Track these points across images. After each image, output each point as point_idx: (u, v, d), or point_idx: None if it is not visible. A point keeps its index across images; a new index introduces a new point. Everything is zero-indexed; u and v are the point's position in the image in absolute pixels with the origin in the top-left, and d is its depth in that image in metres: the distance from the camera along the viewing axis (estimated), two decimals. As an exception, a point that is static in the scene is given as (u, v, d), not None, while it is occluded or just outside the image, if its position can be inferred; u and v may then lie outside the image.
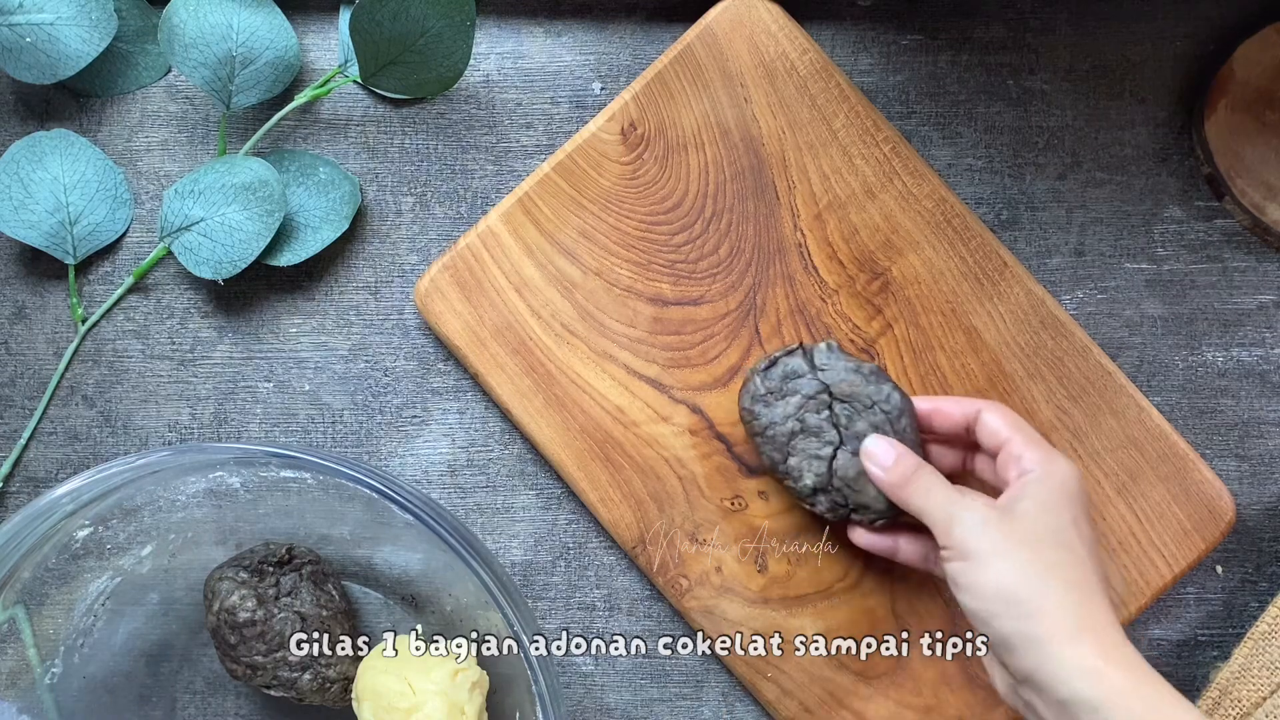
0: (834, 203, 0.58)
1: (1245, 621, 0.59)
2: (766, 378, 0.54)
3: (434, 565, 0.59)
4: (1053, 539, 0.47)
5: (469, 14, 0.56)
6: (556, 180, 0.58)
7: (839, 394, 0.53)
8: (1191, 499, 0.58)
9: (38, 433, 0.60)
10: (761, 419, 0.54)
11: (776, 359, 0.55)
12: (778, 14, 0.58)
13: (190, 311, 0.61)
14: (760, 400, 0.54)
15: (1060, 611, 0.45)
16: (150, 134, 0.61)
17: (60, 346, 0.61)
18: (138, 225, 0.61)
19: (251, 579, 0.56)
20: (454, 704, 0.54)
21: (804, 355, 0.54)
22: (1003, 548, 0.47)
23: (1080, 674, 0.44)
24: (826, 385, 0.53)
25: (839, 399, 0.53)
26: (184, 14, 0.57)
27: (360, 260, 0.61)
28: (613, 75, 0.61)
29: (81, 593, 0.57)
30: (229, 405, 0.60)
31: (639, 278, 0.58)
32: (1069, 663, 0.44)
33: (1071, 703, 0.44)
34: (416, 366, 0.60)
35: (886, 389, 0.53)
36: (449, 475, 0.60)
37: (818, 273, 0.58)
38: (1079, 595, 0.46)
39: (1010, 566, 0.46)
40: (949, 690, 0.57)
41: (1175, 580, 0.58)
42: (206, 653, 0.61)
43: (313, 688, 0.56)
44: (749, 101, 0.58)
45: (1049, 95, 0.60)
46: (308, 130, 0.61)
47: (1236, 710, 0.57)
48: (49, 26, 0.57)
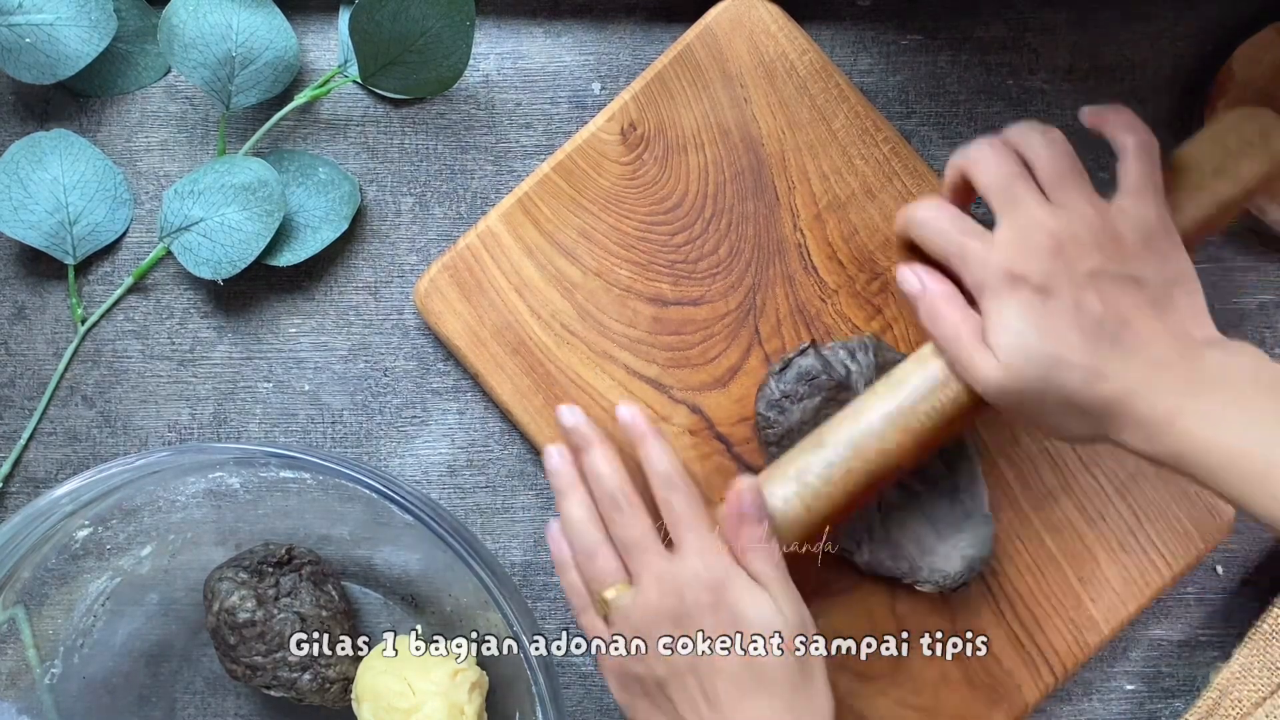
0: (834, 203, 0.58)
1: (1245, 621, 0.59)
2: (781, 380, 0.54)
3: (434, 565, 0.59)
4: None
5: (469, 14, 0.56)
6: (556, 180, 0.58)
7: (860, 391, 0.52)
8: (1191, 499, 0.58)
9: (37, 433, 0.60)
10: (778, 426, 0.54)
11: (790, 360, 0.54)
12: (777, 14, 0.58)
13: (190, 311, 0.60)
14: (775, 406, 0.54)
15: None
16: (150, 134, 0.61)
17: (60, 346, 0.60)
18: (137, 225, 0.61)
19: (251, 579, 0.56)
20: (454, 704, 0.54)
21: (816, 353, 0.54)
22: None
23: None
24: (848, 382, 0.53)
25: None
26: (184, 14, 0.57)
27: (360, 260, 0.61)
28: (612, 75, 0.61)
29: (81, 593, 0.57)
30: (229, 405, 0.60)
31: (639, 278, 0.58)
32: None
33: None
34: (416, 366, 0.60)
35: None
36: (449, 475, 0.60)
37: (817, 273, 0.58)
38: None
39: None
40: (949, 690, 0.57)
41: (1175, 580, 0.58)
42: (206, 653, 0.61)
43: (313, 688, 0.56)
44: (749, 102, 0.58)
45: (1049, 95, 0.60)
46: (307, 130, 0.61)
47: (1236, 710, 0.57)
48: (49, 26, 0.57)
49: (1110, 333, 0.46)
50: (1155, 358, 0.46)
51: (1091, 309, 0.46)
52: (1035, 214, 0.48)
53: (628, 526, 0.48)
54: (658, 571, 0.47)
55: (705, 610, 0.46)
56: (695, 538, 0.48)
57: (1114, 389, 0.46)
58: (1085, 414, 0.47)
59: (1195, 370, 0.46)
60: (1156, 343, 0.46)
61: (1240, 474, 0.44)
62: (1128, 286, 0.47)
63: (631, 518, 0.48)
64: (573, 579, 0.51)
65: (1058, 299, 0.47)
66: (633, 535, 0.48)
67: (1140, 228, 0.48)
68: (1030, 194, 0.49)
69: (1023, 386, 0.47)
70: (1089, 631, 0.57)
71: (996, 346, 0.47)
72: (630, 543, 0.48)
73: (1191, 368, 0.46)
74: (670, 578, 0.47)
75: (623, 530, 0.49)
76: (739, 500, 0.48)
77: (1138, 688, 0.60)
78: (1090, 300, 0.47)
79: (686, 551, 0.47)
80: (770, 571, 0.47)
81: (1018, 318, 0.47)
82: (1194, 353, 0.47)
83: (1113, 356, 0.46)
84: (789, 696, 0.45)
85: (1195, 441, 0.45)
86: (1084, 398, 0.46)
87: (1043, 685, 0.57)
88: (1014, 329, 0.47)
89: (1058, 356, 0.46)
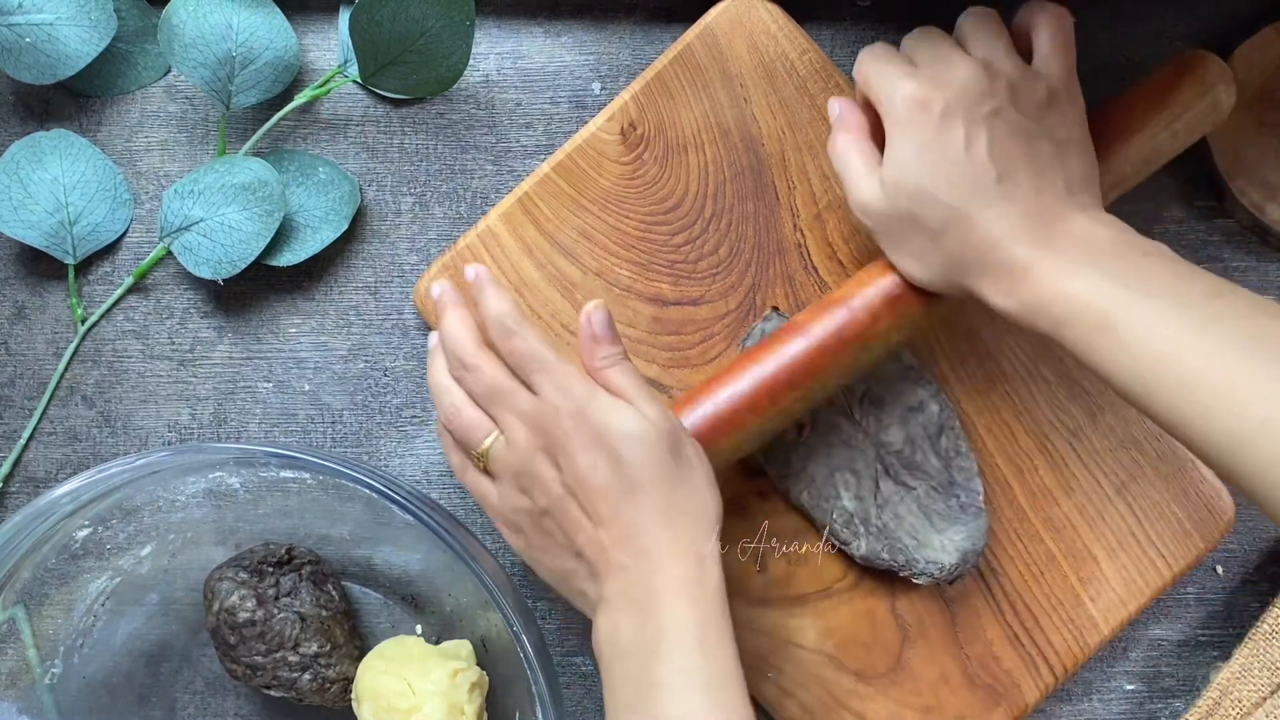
0: (834, 203, 0.58)
1: (1245, 621, 0.59)
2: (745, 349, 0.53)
3: (434, 565, 0.59)
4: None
5: (469, 14, 0.56)
6: (556, 180, 0.58)
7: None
8: (1191, 499, 0.58)
9: (37, 433, 0.60)
10: None
11: (754, 328, 0.53)
12: (777, 14, 0.58)
13: (190, 311, 0.61)
14: None
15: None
16: (150, 134, 0.61)
17: (60, 346, 0.61)
18: (138, 225, 0.61)
19: (251, 579, 0.56)
20: (454, 704, 0.54)
21: (780, 317, 0.53)
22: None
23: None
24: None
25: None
26: (184, 14, 0.57)
27: (360, 260, 0.61)
28: (612, 75, 0.61)
29: (81, 593, 0.57)
30: (229, 405, 0.60)
31: (639, 278, 0.58)
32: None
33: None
34: (416, 366, 0.60)
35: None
36: (449, 475, 0.60)
37: (817, 273, 0.58)
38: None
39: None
40: (949, 690, 0.57)
41: (1175, 580, 0.58)
42: (206, 653, 0.61)
43: (312, 688, 0.56)
44: (749, 101, 0.58)
45: (1049, 95, 0.60)
46: (307, 130, 0.61)
47: (1236, 710, 0.57)
48: (49, 26, 0.57)
49: (990, 179, 0.47)
50: (1025, 213, 0.47)
51: (979, 149, 0.47)
52: (951, 55, 0.49)
53: (479, 379, 0.48)
54: (520, 412, 0.47)
55: (571, 435, 0.46)
56: (547, 374, 0.47)
57: (977, 237, 0.47)
58: (945, 257, 0.48)
59: (1060, 228, 0.47)
60: (1031, 199, 0.47)
61: (1085, 326, 0.45)
62: (1021, 137, 0.48)
63: (479, 370, 0.48)
64: (448, 443, 0.51)
65: (951, 132, 0.47)
66: (486, 385, 0.48)
67: (1049, 85, 0.49)
68: (949, 43, 0.50)
69: (891, 213, 0.49)
70: (1089, 631, 0.57)
71: (884, 170, 0.49)
72: (487, 394, 0.48)
73: (1056, 226, 0.47)
74: (533, 415, 0.47)
75: (475, 384, 0.48)
76: (589, 322, 0.48)
77: (1138, 688, 0.60)
78: (981, 140, 0.47)
79: (543, 387, 0.47)
80: (629, 384, 0.47)
81: (907, 147, 0.48)
82: (1064, 212, 0.47)
83: (984, 204, 0.47)
84: (668, 492, 0.46)
85: (1045, 292, 0.46)
86: (946, 239, 0.47)
87: (1043, 685, 0.57)
88: (901, 156, 0.48)
89: (931, 192, 0.47)
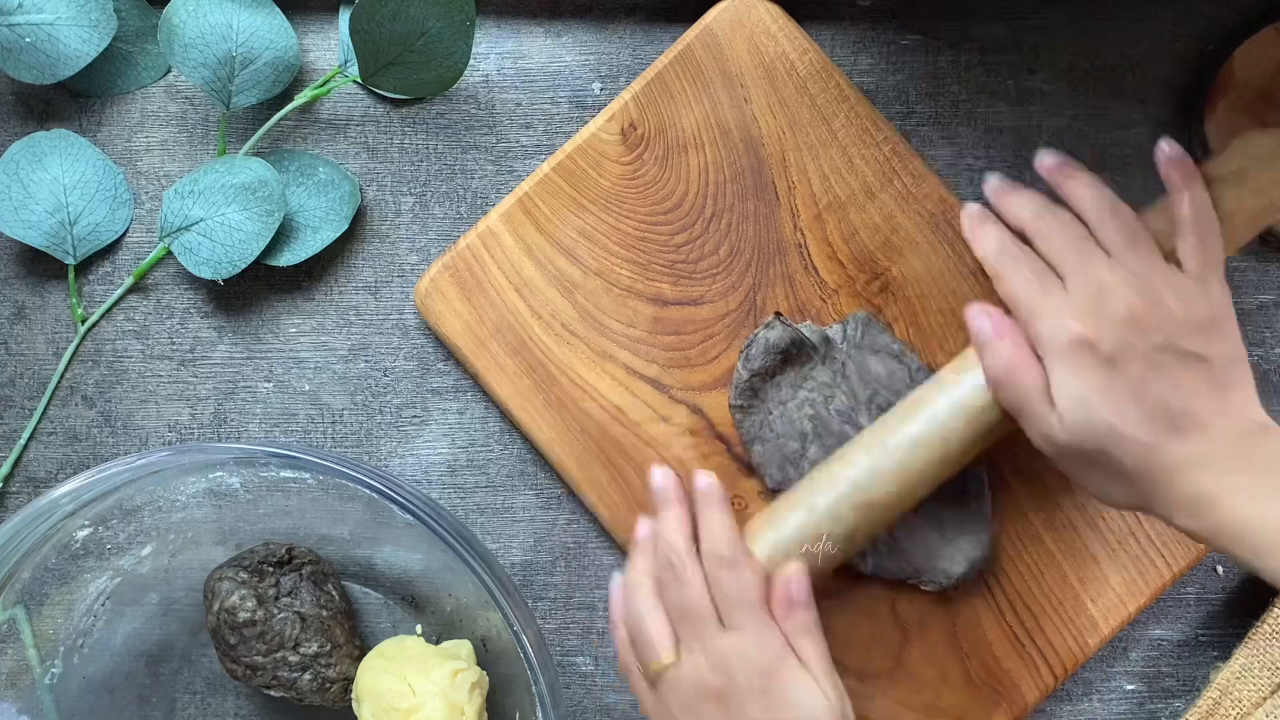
0: (834, 203, 0.58)
1: (1245, 621, 0.59)
2: (748, 361, 0.52)
3: (434, 565, 0.59)
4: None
5: (469, 14, 0.56)
6: (556, 180, 0.58)
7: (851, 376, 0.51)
8: (1191, 499, 0.58)
9: (38, 433, 0.60)
10: (743, 426, 0.53)
11: (756, 335, 0.52)
12: (777, 14, 0.58)
13: (190, 311, 0.61)
14: (746, 392, 0.52)
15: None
16: (150, 134, 0.61)
17: (60, 346, 0.61)
18: (138, 225, 0.61)
19: (251, 579, 0.56)
20: (454, 704, 0.54)
21: (783, 325, 0.52)
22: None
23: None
24: (826, 351, 0.52)
25: (850, 381, 0.52)
26: (184, 14, 0.57)
27: (360, 260, 0.61)
28: (613, 75, 0.61)
29: (81, 593, 0.57)
30: (229, 405, 0.60)
31: (639, 278, 0.58)
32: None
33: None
34: (416, 366, 0.60)
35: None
36: (449, 475, 0.60)
37: (818, 273, 0.58)
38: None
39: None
40: (949, 690, 0.57)
41: (1175, 580, 0.58)
42: (206, 653, 0.61)
43: (313, 688, 0.56)
44: (749, 102, 0.58)
45: (1049, 95, 0.60)
46: (307, 130, 0.61)
47: (1236, 710, 0.57)
48: (49, 26, 0.57)
49: (1172, 412, 0.46)
50: (1211, 439, 0.46)
51: (1156, 386, 0.47)
52: (1107, 279, 0.48)
53: (683, 595, 0.48)
54: (710, 646, 0.47)
55: (755, 694, 0.46)
56: (749, 616, 0.47)
57: (1165, 466, 0.46)
58: (1132, 484, 0.47)
59: (1249, 452, 0.46)
60: (1215, 424, 0.47)
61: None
62: (1192, 363, 0.47)
63: (688, 586, 0.48)
64: (623, 637, 0.50)
65: (1125, 372, 0.47)
66: (688, 605, 0.48)
67: (1207, 304, 0.48)
68: (1100, 257, 0.49)
69: (1079, 449, 0.47)
70: (1089, 631, 0.57)
71: (1061, 408, 0.47)
72: (683, 612, 0.48)
73: (1245, 450, 0.46)
74: (723, 654, 0.47)
75: (677, 597, 0.48)
76: (787, 587, 0.48)
77: (1138, 688, 0.60)
78: (1156, 376, 0.47)
79: (741, 629, 0.47)
80: (817, 656, 0.48)
81: (1084, 384, 0.47)
82: (1250, 436, 0.47)
83: (1170, 435, 0.46)
84: None
85: (1239, 520, 0.45)
86: (1135, 471, 0.47)
87: (1043, 685, 0.57)
88: (1079, 395, 0.47)
89: (1118, 429, 0.46)
